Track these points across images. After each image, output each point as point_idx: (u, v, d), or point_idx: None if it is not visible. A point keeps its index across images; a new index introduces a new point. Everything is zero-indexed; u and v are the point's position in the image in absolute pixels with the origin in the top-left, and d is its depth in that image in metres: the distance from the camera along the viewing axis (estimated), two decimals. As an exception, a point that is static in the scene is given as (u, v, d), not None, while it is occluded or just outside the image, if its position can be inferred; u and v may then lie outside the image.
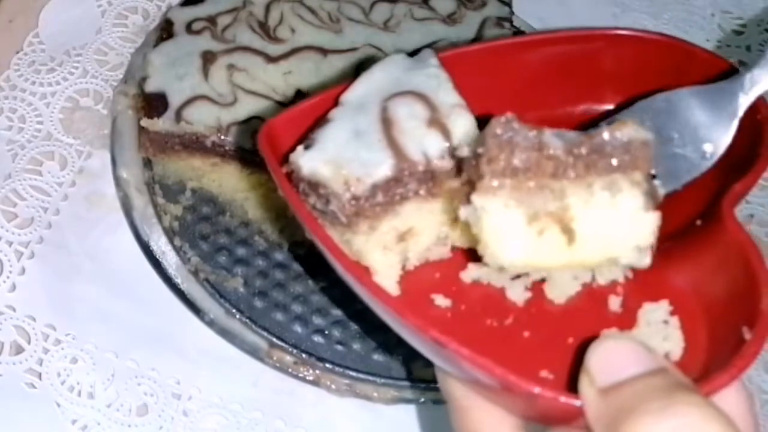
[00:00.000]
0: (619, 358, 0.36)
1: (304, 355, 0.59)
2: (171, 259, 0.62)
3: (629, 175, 0.39)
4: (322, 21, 0.69)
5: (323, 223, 0.43)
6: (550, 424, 0.41)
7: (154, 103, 0.63)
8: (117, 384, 0.57)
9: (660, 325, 0.43)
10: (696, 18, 0.83)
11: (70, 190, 0.65)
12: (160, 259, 0.62)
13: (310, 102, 0.47)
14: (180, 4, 0.70)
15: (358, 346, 0.60)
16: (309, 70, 0.66)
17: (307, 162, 0.42)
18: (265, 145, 0.44)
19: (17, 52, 0.70)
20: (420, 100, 0.45)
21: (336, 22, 0.69)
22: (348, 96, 0.46)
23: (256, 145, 0.44)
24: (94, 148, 0.67)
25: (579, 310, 0.44)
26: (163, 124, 0.62)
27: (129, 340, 0.59)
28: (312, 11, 0.70)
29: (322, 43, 0.67)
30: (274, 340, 0.60)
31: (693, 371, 0.40)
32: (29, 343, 0.58)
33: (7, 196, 0.63)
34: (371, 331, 0.60)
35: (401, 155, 0.43)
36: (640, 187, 0.40)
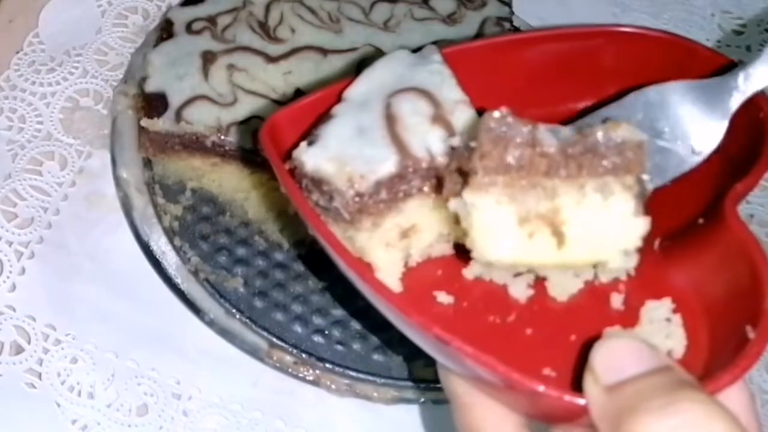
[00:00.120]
0: (623, 357, 0.36)
1: (304, 355, 0.59)
2: (171, 259, 0.62)
3: (621, 177, 0.39)
4: (322, 21, 0.69)
5: (326, 220, 0.43)
6: (553, 422, 0.41)
7: (154, 103, 0.63)
8: (117, 384, 0.57)
9: (662, 322, 0.43)
10: (696, 18, 0.83)
11: (70, 190, 0.65)
12: (160, 259, 0.62)
13: (313, 98, 0.47)
14: (180, 4, 0.70)
15: (358, 346, 0.60)
16: (309, 70, 0.66)
17: (311, 158, 0.42)
18: (268, 141, 0.44)
19: (17, 52, 0.70)
20: (423, 96, 0.45)
21: (336, 22, 0.69)
22: (351, 92, 0.46)
23: (257, 143, 0.44)
24: (94, 148, 0.67)
25: (581, 307, 0.44)
26: (163, 124, 0.62)
27: (129, 340, 0.59)
28: (312, 11, 0.70)
29: (322, 43, 0.67)
30: (274, 340, 0.59)
31: (695, 369, 0.40)
32: (29, 343, 0.58)
33: (7, 196, 0.63)
34: (373, 330, 0.60)
35: (405, 152, 0.43)
36: (631, 191, 0.39)
